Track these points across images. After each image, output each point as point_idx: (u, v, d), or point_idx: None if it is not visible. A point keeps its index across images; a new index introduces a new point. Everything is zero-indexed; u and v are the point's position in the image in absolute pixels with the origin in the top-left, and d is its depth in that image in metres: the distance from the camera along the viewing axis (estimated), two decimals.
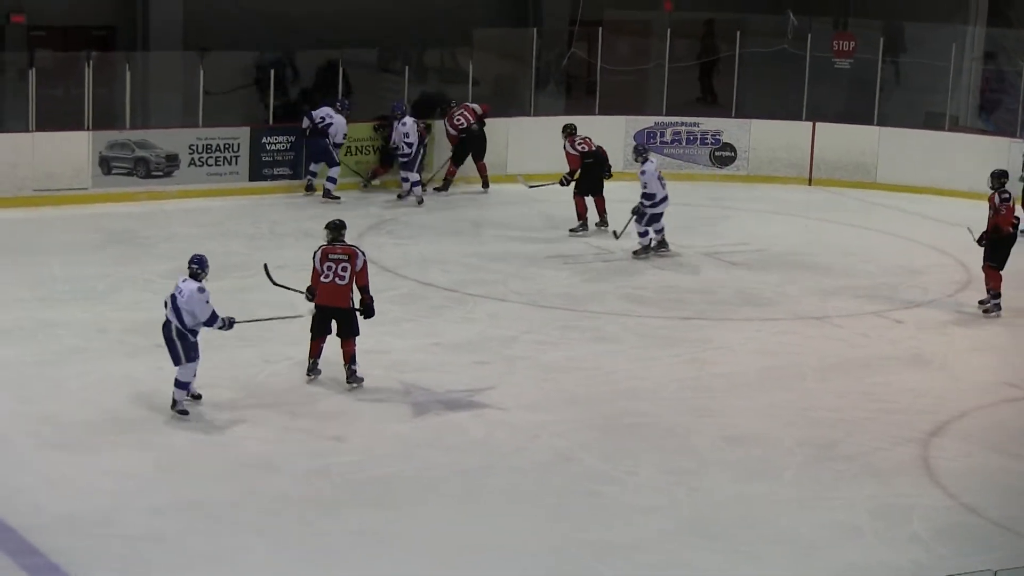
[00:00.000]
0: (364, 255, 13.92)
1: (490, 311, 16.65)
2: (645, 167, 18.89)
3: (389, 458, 12.53)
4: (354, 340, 13.87)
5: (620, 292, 17.61)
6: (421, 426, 13.26)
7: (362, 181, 22.24)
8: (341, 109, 21.60)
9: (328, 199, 21.30)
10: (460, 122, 22.27)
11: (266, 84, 22.39)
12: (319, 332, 13.95)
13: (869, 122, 23.94)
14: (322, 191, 21.47)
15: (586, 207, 20.11)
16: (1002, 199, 17.05)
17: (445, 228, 20.40)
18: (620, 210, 19.31)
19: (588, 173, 20.13)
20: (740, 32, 24.29)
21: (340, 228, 14.00)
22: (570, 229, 20.03)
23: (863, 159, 23.72)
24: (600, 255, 19.11)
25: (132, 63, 21.47)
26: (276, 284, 14.53)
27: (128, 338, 15.03)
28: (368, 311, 13.95)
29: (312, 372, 14.02)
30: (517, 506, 11.75)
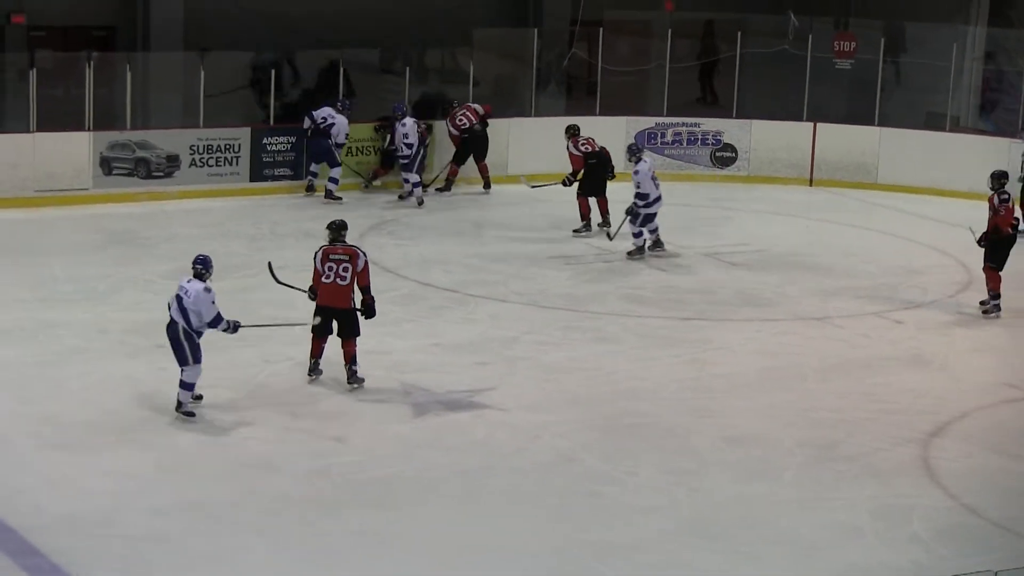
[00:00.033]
0: (365, 255, 13.92)
1: (491, 312, 16.65)
2: (639, 167, 18.88)
3: (390, 458, 12.53)
4: (355, 340, 13.87)
5: (621, 293, 17.61)
6: (422, 427, 13.26)
7: (363, 182, 22.23)
8: (342, 109, 21.59)
9: (330, 200, 21.29)
10: (462, 122, 22.26)
11: (262, 85, 22.40)
12: (320, 332, 13.95)
13: (870, 123, 23.93)
14: (324, 192, 21.47)
15: (589, 208, 20.09)
16: (1001, 200, 17.05)
17: (446, 229, 20.40)
18: (622, 211, 19.28)
19: (591, 174, 20.11)
20: (741, 32, 24.28)
21: (341, 228, 14.00)
22: (573, 230, 20.02)
23: (864, 160, 23.71)
24: (601, 256, 19.11)
25: (133, 63, 21.46)
26: (279, 282, 14.53)
27: (129, 338, 15.04)
28: (369, 311, 13.95)
29: (313, 372, 14.03)
30: (518, 507, 11.75)
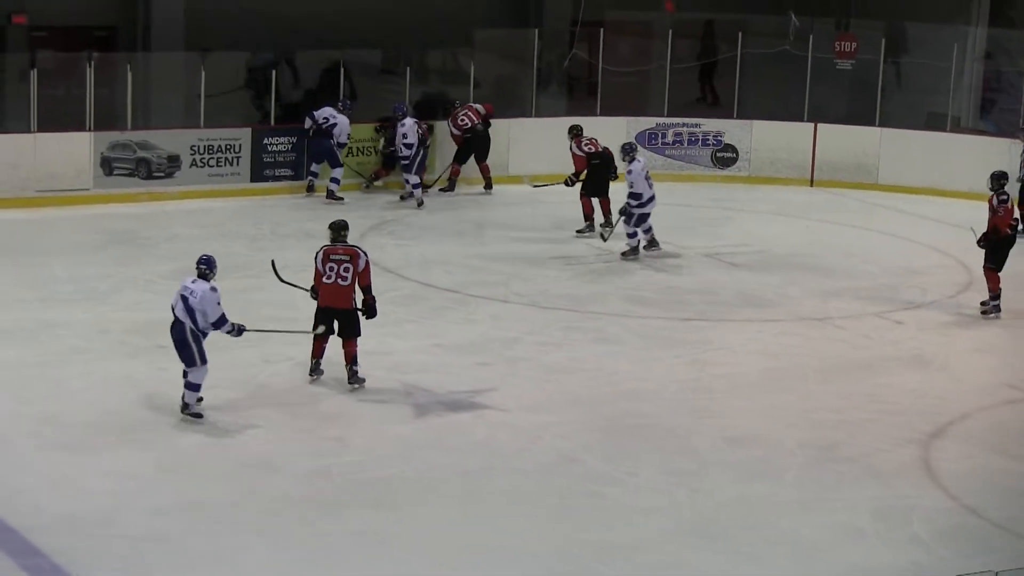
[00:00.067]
0: (366, 255, 13.90)
1: (492, 312, 16.65)
2: (632, 166, 18.87)
3: (390, 459, 12.53)
4: (356, 341, 13.86)
5: (622, 293, 17.61)
6: (423, 427, 13.26)
7: (364, 182, 22.22)
8: (343, 109, 21.58)
9: (332, 200, 21.28)
10: (464, 122, 22.25)
11: (258, 86, 22.39)
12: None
13: (871, 123, 23.93)
14: (325, 192, 21.46)
15: (592, 208, 20.08)
16: (1000, 200, 17.05)
17: (447, 229, 20.40)
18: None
19: (594, 174, 20.09)
20: (742, 33, 24.27)
21: (342, 228, 13.99)
22: (576, 230, 20.01)
23: (865, 160, 23.71)
24: (602, 256, 19.10)
25: (133, 64, 21.46)
26: (283, 281, 14.53)
27: (129, 339, 15.04)
28: (370, 311, 13.94)
29: (315, 372, 14.02)
30: (518, 507, 11.74)
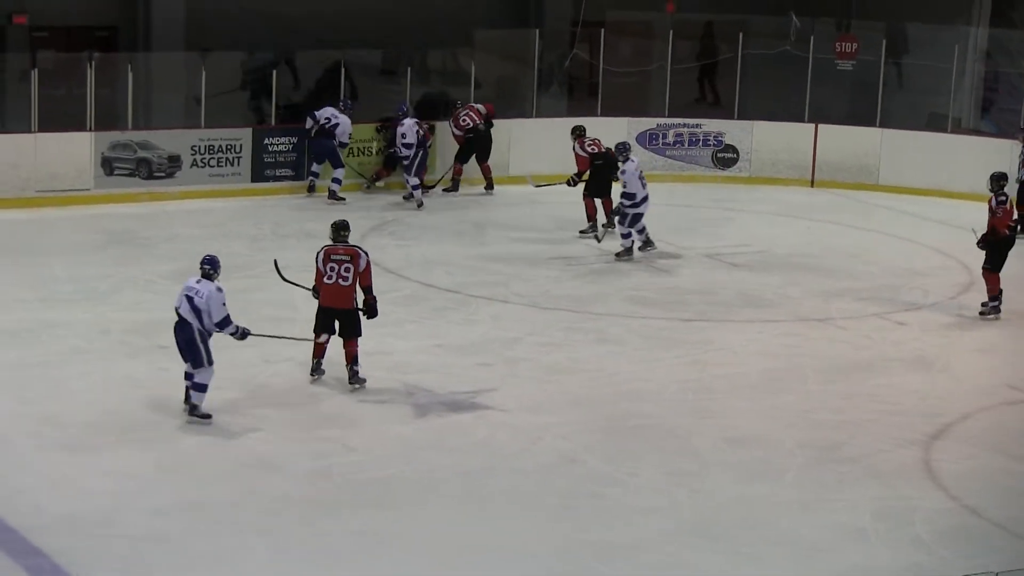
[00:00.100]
0: (367, 255, 13.90)
1: (493, 313, 16.64)
2: (625, 166, 18.85)
3: (391, 459, 12.52)
4: (357, 341, 13.86)
5: (622, 294, 17.60)
6: (423, 427, 13.25)
7: (365, 183, 22.21)
8: (345, 109, 21.58)
9: (334, 200, 21.27)
10: (466, 123, 22.24)
11: (255, 87, 22.37)
12: (323, 332, 13.94)
13: (872, 124, 23.91)
14: (327, 192, 21.45)
15: (595, 209, 20.05)
16: (999, 202, 17.04)
17: (448, 229, 20.39)
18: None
19: (597, 175, 20.05)
20: (743, 33, 24.27)
21: (343, 229, 13.99)
22: (580, 231, 19.99)
23: (865, 161, 23.69)
24: (602, 257, 19.08)
25: (134, 64, 21.44)
26: (285, 280, 14.54)
27: (129, 339, 15.03)
28: (371, 311, 13.94)
29: (316, 372, 14.02)
30: (519, 507, 11.73)
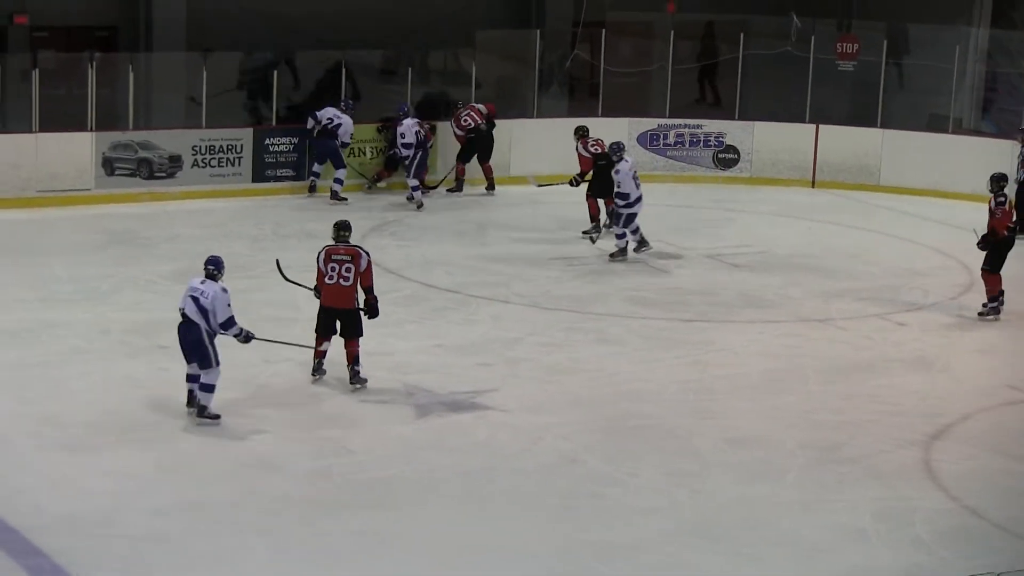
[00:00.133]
0: (368, 256, 13.90)
1: (493, 313, 16.64)
2: (619, 167, 18.83)
3: (391, 459, 12.52)
4: (358, 341, 13.86)
5: (623, 294, 17.59)
6: (424, 427, 13.25)
7: (366, 183, 22.21)
8: (346, 109, 21.57)
9: (335, 200, 21.27)
10: (467, 123, 22.23)
11: (253, 88, 22.36)
12: (323, 332, 13.95)
13: (872, 124, 23.92)
14: (329, 192, 21.44)
15: (598, 209, 20.03)
16: (998, 203, 17.04)
17: (448, 230, 20.39)
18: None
19: (600, 175, 20.00)
20: (743, 34, 24.27)
21: (345, 229, 13.99)
22: (583, 231, 19.98)
23: (866, 161, 23.69)
24: (603, 257, 19.08)
25: (135, 64, 21.44)
26: (288, 280, 14.55)
27: (130, 339, 15.03)
28: (372, 311, 13.94)
29: (317, 372, 14.02)
30: (519, 507, 11.73)
